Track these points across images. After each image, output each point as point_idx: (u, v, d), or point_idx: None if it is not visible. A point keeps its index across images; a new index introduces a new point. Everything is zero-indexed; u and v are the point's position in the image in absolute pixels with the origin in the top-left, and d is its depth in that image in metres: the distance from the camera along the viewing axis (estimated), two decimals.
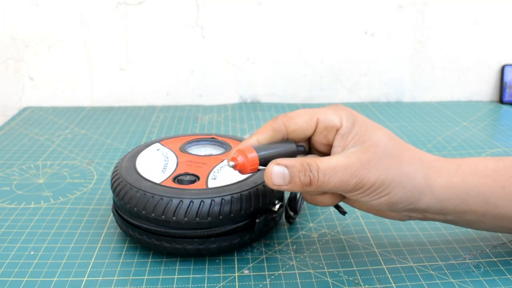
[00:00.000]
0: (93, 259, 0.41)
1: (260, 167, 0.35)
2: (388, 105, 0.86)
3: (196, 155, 0.46)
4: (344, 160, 0.35)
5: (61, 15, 0.81)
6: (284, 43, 0.85)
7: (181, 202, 0.38)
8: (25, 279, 0.38)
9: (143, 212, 0.39)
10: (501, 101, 0.89)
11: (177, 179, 0.42)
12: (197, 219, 0.38)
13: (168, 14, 0.82)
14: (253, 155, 0.35)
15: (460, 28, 0.86)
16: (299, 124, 0.37)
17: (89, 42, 0.83)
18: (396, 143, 0.36)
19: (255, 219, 0.40)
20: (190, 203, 0.38)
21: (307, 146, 0.39)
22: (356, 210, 0.49)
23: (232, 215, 0.39)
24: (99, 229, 0.45)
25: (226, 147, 0.48)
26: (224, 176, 0.42)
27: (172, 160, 0.45)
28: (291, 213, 0.46)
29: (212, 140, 0.50)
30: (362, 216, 0.48)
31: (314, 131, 0.37)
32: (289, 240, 0.44)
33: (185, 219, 0.38)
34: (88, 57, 0.83)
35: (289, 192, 0.46)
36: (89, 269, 0.39)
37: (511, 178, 0.37)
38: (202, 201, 0.38)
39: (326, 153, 0.38)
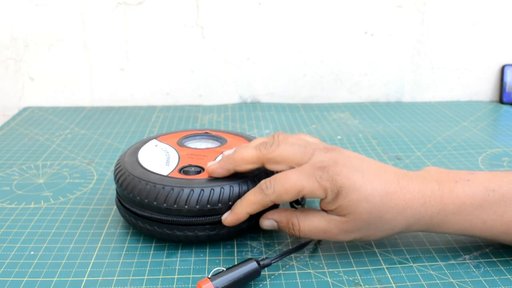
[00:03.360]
0: (93, 259, 0.41)
1: None
2: (388, 105, 0.86)
3: (195, 148, 0.48)
4: (325, 225, 0.39)
5: (61, 15, 0.81)
6: (284, 43, 0.85)
7: (191, 191, 0.40)
8: (25, 279, 0.38)
9: (155, 203, 0.40)
10: (501, 101, 0.89)
11: (182, 170, 0.43)
12: (208, 206, 0.40)
13: (168, 14, 0.82)
14: None
15: (460, 28, 0.86)
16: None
17: (89, 42, 0.83)
18: (377, 211, 0.37)
19: None
20: (200, 191, 0.40)
21: None
22: None
23: None
24: (99, 229, 0.45)
25: (221, 140, 0.50)
26: None
27: (173, 154, 0.46)
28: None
29: (206, 135, 0.51)
30: None
31: None
32: (289, 240, 0.44)
33: (197, 206, 0.40)
34: (88, 57, 0.83)
35: None
36: (89, 269, 0.39)
37: (494, 213, 0.38)
38: (212, 189, 0.40)
39: None
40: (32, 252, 0.42)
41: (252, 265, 0.37)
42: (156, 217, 0.41)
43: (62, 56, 0.83)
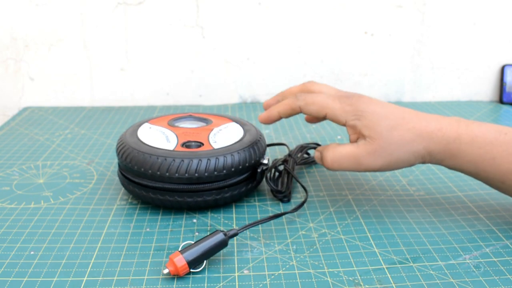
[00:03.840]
0: (93, 259, 0.41)
1: (192, 270, 0.39)
2: None
3: (187, 127, 0.53)
4: (355, 151, 0.43)
5: (61, 15, 0.81)
6: (284, 43, 0.85)
7: (200, 161, 0.45)
8: (25, 279, 0.38)
9: (167, 174, 0.45)
10: (501, 101, 0.89)
11: (185, 145, 0.48)
12: (215, 172, 0.45)
13: (168, 14, 0.82)
14: (182, 264, 0.38)
15: (460, 28, 0.86)
16: (311, 112, 0.46)
17: (89, 42, 0.83)
18: (397, 131, 0.42)
19: (256, 170, 0.49)
20: (207, 160, 0.45)
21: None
22: (356, 210, 0.49)
23: (240, 167, 0.47)
24: (99, 229, 0.46)
25: (207, 121, 0.55)
26: (222, 139, 0.49)
27: (170, 133, 0.51)
28: (274, 187, 0.50)
29: (191, 117, 0.56)
30: (362, 216, 0.48)
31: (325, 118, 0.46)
32: (289, 240, 0.44)
33: (206, 174, 0.45)
34: (88, 57, 0.83)
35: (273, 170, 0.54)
36: (89, 269, 0.39)
37: (504, 151, 0.42)
38: (217, 158, 0.46)
39: None
40: (32, 252, 0.42)
41: (219, 236, 0.39)
42: (167, 187, 0.45)
43: (62, 56, 0.83)
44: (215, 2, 0.82)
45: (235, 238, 0.44)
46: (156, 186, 0.46)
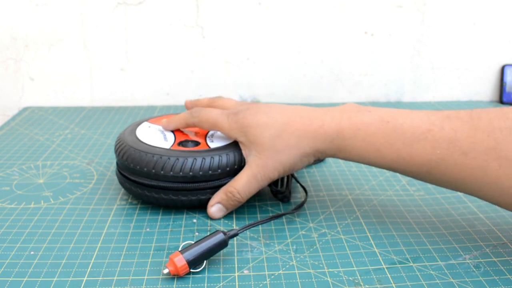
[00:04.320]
0: (93, 259, 0.41)
1: (192, 270, 0.39)
2: (388, 105, 0.86)
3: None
4: (250, 172, 0.45)
5: (61, 15, 0.81)
6: (284, 43, 0.85)
7: (195, 160, 0.45)
8: (25, 279, 0.38)
9: (162, 172, 0.45)
10: (501, 101, 0.89)
11: (182, 144, 0.49)
12: (210, 172, 0.46)
13: (168, 14, 0.82)
14: (182, 264, 0.38)
15: (460, 28, 0.86)
16: (205, 128, 0.48)
17: (89, 42, 0.83)
18: (281, 138, 0.43)
19: None
20: (202, 159, 0.46)
21: None
22: (356, 210, 0.49)
23: (236, 167, 0.47)
24: (99, 229, 0.46)
25: None
26: (219, 139, 0.50)
27: (168, 132, 0.52)
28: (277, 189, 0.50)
29: None
30: (362, 216, 0.48)
31: None
32: (289, 240, 0.44)
33: (200, 173, 0.45)
34: (88, 57, 0.83)
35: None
36: (89, 269, 0.39)
37: (386, 142, 0.41)
38: (212, 157, 0.46)
39: None
40: (32, 252, 0.42)
41: (219, 236, 0.39)
42: (163, 185, 0.46)
43: (62, 56, 0.83)
44: (215, 2, 0.82)
45: (235, 238, 0.44)
46: (152, 184, 0.46)
